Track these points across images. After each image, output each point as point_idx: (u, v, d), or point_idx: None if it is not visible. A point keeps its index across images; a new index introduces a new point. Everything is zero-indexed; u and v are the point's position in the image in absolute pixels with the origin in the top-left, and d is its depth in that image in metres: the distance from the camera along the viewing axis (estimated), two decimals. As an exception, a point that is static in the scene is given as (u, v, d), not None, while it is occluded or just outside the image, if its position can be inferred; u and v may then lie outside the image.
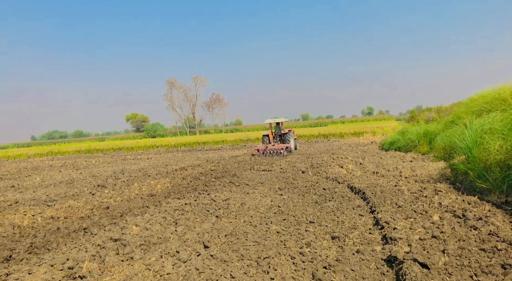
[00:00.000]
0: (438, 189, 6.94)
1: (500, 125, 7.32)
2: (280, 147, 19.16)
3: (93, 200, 9.13)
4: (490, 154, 6.45)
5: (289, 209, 6.73)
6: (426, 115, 24.00)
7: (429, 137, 14.36)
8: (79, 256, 4.79)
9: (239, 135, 43.39)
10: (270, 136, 20.93)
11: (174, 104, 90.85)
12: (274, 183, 9.74)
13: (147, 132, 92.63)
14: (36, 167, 22.76)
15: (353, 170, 10.73)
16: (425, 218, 5.32)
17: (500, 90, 10.79)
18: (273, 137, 21.17)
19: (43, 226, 6.89)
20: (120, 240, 5.32)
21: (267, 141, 20.81)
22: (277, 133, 21.17)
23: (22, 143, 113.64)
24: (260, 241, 4.96)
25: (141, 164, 19.54)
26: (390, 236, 4.70)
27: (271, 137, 20.95)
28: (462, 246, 4.12)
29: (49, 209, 8.27)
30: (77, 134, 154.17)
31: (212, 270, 4.04)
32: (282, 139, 20.74)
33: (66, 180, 14.39)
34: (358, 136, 32.56)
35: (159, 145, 41.02)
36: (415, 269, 3.60)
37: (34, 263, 4.82)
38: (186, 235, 5.45)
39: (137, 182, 12.06)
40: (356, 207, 6.61)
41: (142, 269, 4.22)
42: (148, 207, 7.81)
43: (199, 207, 7.22)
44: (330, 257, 4.38)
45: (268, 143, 20.66)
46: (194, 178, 12.02)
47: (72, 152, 42.49)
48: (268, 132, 21.34)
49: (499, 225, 4.61)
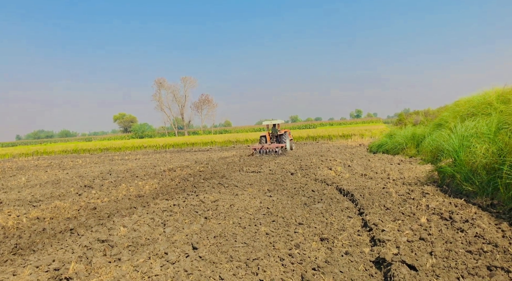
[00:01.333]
0: (426, 192, 7.02)
1: (485, 129, 7.44)
2: (276, 146, 20.48)
3: (79, 201, 9.00)
4: (476, 157, 6.55)
5: (278, 211, 6.73)
6: (413, 118, 24.29)
7: (417, 140, 14.55)
8: (65, 257, 4.71)
9: (228, 137, 43.37)
10: (267, 137, 22.29)
11: (162, 104, 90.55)
12: (263, 184, 9.74)
13: (135, 132, 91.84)
14: (21, 167, 22.37)
15: (342, 172, 10.79)
16: (412, 220, 5.37)
17: (485, 95, 10.99)
18: (270, 138, 22.48)
19: (28, 227, 6.77)
20: (107, 241, 5.25)
21: (264, 141, 22.20)
22: (273, 134, 22.59)
23: (7, 142, 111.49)
24: (249, 242, 4.95)
25: (129, 165, 19.36)
26: (378, 238, 4.73)
27: (268, 137, 22.28)
28: (449, 248, 4.17)
29: (34, 210, 8.13)
30: (63, 134, 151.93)
31: (200, 272, 4.02)
32: (278, 140, 22.30)
33: (52, 180, 14.17)
34: (346, 138, 32.83)
35: (147, 146, 40.76)
36: (403, 271, 3.63)
37: (18, 264, 4.72)
38: (174, 236, 5.40)
39: (125, 182, 11.94)
40: (345, 209, 6.64)
41: (130, 270, 4.17)
42: (136, 208, 7.73)
43: (188, 208, 7.17)
44: (319, 258, 4.38)
45: (265, 142, 22.03)
46: (183, 179, 11.95)
47: (58, 152, 41.94)
48: (265, 133, 22.87)
49: (485, 228, 4.68)
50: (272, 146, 20.55)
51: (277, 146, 20.47)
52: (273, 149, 20.45)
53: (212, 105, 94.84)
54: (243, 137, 39.34)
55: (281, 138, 22.22)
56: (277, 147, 20.41)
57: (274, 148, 20.44)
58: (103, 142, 59.40)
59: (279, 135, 22.41)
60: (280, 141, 22.17)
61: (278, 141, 22.28)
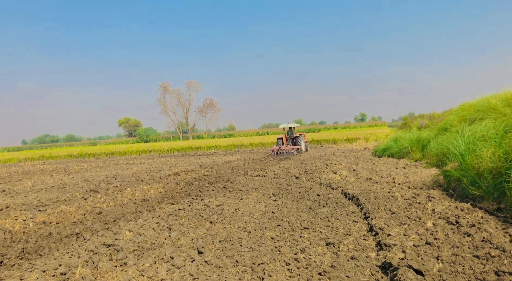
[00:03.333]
0: (431, 196, 6.98)
1: (492, 133, 7.40)
2: (291, 148, 22.40)
3: (85, 205, 9.04)
4: (482, 161, 6.52)
5: (283, 215, 6.72)
6: (418, 122, 24.20)
7: (422, 143, 14.47)
8: (72, 262, 4.73)
9: (232, 141, 43.33)
10: (284, 139, 24.40)
11: (167, 108, 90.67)
12: (268, 188, 9.73)
13: (139, 136, 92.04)
14: (27, 172, 22.51)
15: (347, 176, 10.76)
16: (418, 225, 5.35)
17: (491, 98, 10.95)
18: (286, 140, 24.49)
19: (35, 231, 6.81)
20: (113, 246, 5.27)
21: (280, 143, 24.25)
22: (289, 136, 24.46)
23: (13, 147, 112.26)
24: (254, 247, 4.95)
25: (134, 169, 19.43)
26: (384, 242, 4.71)
27: (284, 139, 24.39)
28: (456, 252, 4.15)
29: (40, 214, 8.18)
30: (68, 138, 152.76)
31: (206, 276, 4.02)
32: (294, 142, 24.17)
33: (57, 184, 14.25)
34: (351, 142, 32.75)
35: (152, 150, 40.84)
36: (409, 276, 3.61)
37: (25, 268, 4.75)
38: (180, 241, 5.41)
39: (130, 187, 11.98)
40: (350, 213, 6.62)
41: (135, 275, 4.18)
42: (141, 212, 7.75)
43: (193, 212, 7.18)
44: (325, 263, 4.37)
45: (281, 144, 24.10)
46: (188, 183, 11.98)
47: (63, 157, 42.16)
48: (282, 135, 25.06)
49: (492, 232, 4.65)
50: (288, 148, 22.41)
51: (293, 148, 22.32)
52: (290, 151, 22.31)
53: (216, 109, 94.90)
54: (247, 141, 39.33)
55: (296, 140, 24.03)
56: (293, 149, 22.27)
57: (290, 150, 22.32)
58: (108, 146, 59.58)
59: (295, 138, 24.17)
60: (295, 143, 23.95)
61: (294, 143, 24.04)
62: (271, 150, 23.25)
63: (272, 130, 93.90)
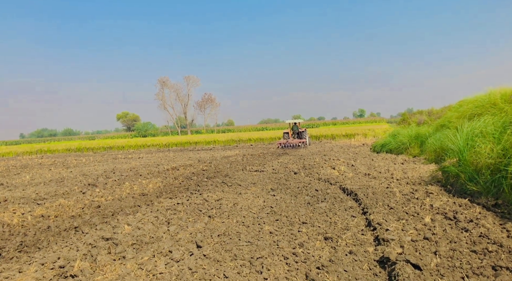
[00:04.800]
0: (430, 191, 7.01)
1: (491, 129, 7.41)
2: (298, 141, 24.31)
3: (84, 199, 9.04)
4: (481, 157, 6.53)
5: (282, 210, 6.73)
6: (417, 118, 24.23)
7: (420, 139, 14.49)
8: (71, 255, 4.73)
9: (230, 136, 43.29)
10: (290, 133, 26.23)
11: (165, 103, 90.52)
12: (266, 183, 9.74)
13: (138, 131, 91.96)
14: (25, 165, 22.47)
15: (345, 172, 10.78)
16: (417, 220, 5.37)
17: (490, 95, 10.95)
18: (292, 134, 26.34)
19: (33, 225, 6.80)
20: (112, 239, 5.27)
21: (287, 137, 26.08)
22: (295, 131, 26.50)
23: (11, 141, 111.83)
24: (253, 241, 4.96)
25: (132, 164, 19.41)
26: (382, 237, 4.73)
27: (290, 133, 26.22)
28: (453, 247, 4.17)
29: (39, 208, 8.17)
30: (66, 132, 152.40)
31: (205, 270, 4.03)
32: (299, 136, 26.10)
33: (56, 178, 14.23)
34: (349, 138, 32.73)
35: (150, 145, 40.76)
36: (407, 270, 3.62)
37: (24, 261, 4.75)
38: (178, 235, 5.42)
39: (129, 181, 11.97)
40: (349, 208, 6.64)
41: (134, 268, 4.19)
42: (140, 207, 7.76)
43: (192, 207, 7.19)
44: (323, 257, 4.39)
45: (288, 138, 25.86)
46: (186, 178, 11.98)
47: (62, 151, 42.06)
48: (287, 130, 27.07)
49: (490, 227, 4.67)
50: (295, 141, 24.28)
51: (300, 141, 24.23)
52: (296, 144, 24.18)
53: (215, 104, 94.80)
54: (245, 136, 39.28)
55: (301, 134, 25.97)
56: (299, 142, 24.18)
57: (297, 143, 24.19)
58: (106, 140, 59.46)
59: (300, 132, 26.18)
60: (301, 137, 25.83)
61: (299, 137, 25.94)
62: (278, 144, 24.82)
63: (271, 126, 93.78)
